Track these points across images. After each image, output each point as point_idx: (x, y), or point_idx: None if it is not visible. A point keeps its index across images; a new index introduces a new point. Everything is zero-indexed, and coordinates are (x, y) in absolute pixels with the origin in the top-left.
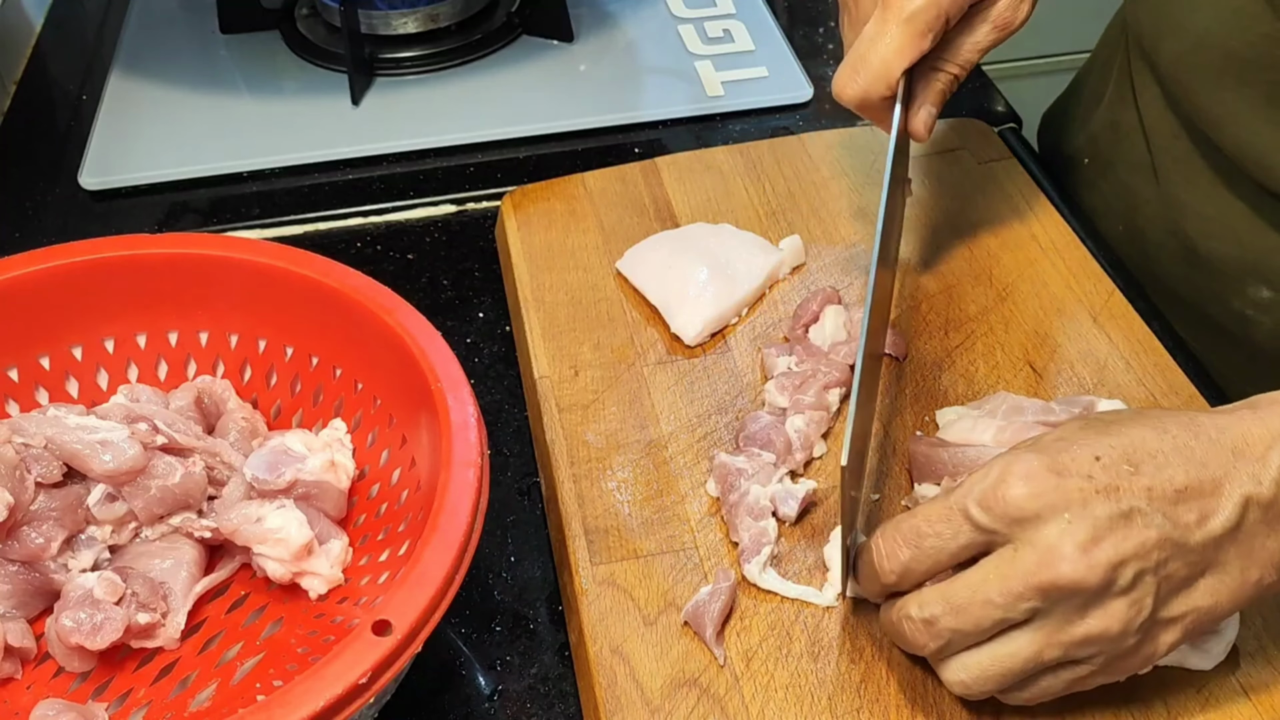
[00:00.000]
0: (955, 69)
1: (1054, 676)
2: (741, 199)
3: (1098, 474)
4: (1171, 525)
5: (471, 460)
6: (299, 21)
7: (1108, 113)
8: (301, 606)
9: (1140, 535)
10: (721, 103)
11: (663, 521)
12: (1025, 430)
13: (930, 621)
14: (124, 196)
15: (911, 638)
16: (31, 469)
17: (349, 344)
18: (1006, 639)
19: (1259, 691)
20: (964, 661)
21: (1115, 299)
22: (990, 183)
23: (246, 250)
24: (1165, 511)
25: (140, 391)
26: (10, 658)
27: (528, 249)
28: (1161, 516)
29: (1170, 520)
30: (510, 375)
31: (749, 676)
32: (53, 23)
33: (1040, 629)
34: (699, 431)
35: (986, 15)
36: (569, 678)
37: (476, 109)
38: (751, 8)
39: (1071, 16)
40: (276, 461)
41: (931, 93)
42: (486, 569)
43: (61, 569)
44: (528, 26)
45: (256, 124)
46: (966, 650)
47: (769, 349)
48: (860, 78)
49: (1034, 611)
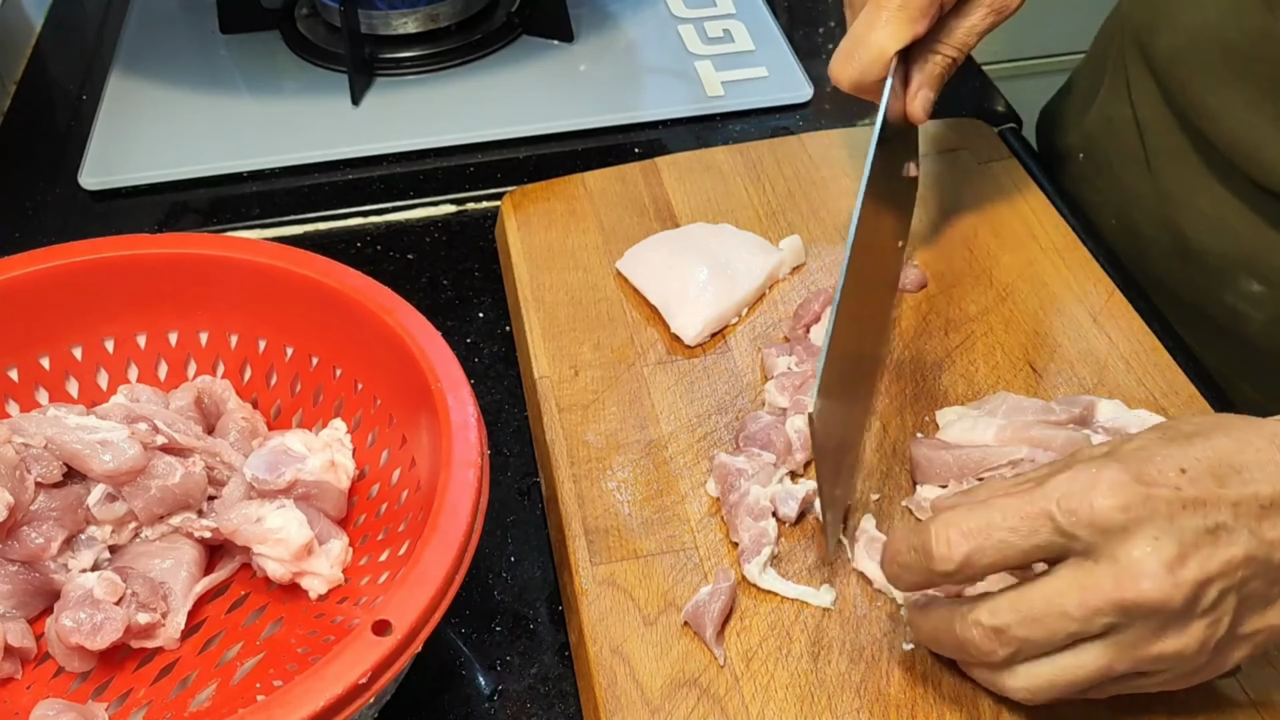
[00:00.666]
0: (952, 52)
1: (1117, 684)
2: (741, 199)
3: (1185, 486)
4: (1257, 542)
5: (471, 460)
6: (299, 21)
7: (1103, 107)
8: (301, 606)
9: (1226, 553)
10: (721, 103)
11: (663, 521)
12: (1026, 430)
13: (1001, 630)
14: (124, 196)
15: (980, 644)
16: (31, 469)
17: (349, 344)
18: (1077, 651)
19: (1260, 692)
20: (1030, 671)
21: (1115, 299)
22: (990, 183)
23: (246, 250)
24: (1251, 527)
25: (140, 391)
26: (10, 658)
27: (528, 249)
28: (1247, 533)
29: (1256, 536)
30: (510, 375)
31: (749, 676)
32: (53, 23)
33: (1114, 644)
34: (699, 431)
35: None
36: (569, 678)
37: (476, 109)
38: (751, 8)
39: (1071, 16)
40: (276, 461)
41: (928, 76)
42: (486, 569)
43: (61, 569)
44: (528, 26)
45: (256, 124)
46: (1033, 660)
47: (769, 349)
48: (856, 60)
49: (1110, 627)
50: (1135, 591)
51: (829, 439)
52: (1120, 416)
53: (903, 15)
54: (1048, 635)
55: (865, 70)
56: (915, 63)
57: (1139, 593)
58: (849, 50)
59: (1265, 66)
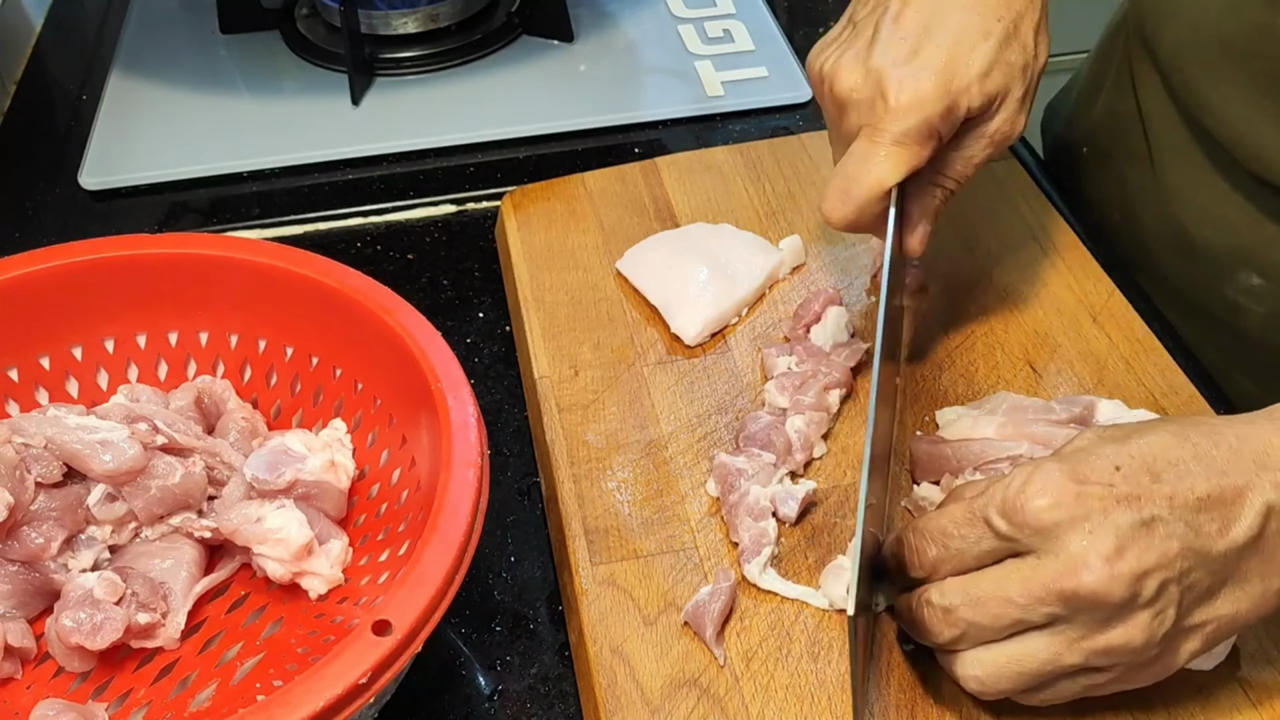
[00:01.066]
0: (950, 184)
1: (1071, 681)
2: (741, 199)
3: (1119, 483)
4: (1194, 534)
5: (471, 460)
6: (299, 21)
7: (1107, 101)
8: (301, 606)
9: (1163, 545)
10: (721, 103)
11: (663, 521)
12: (1026, 429)
13: (948, 610)
14: (124, 196)
15: (928, 624)
16: (31, 469)
17: (349, 344)
18: (1024, 639)
19: (1259, 691)
20: (979, 656)
21: (1115, 299)
22: (990, 183)
23: (246, 250)
24: (1187, 520)
25: (140, 391)
26: (10, 658)
27: (528, 249)
28: (1184, 525)
29: (1192, 529)
30: (510, 375)
31: (749, 676)
32: (53, 23)
33: (1060, 635)
34: (699, 431)
35: (983, 131)
36: (569, 678)
37: (476, 109)
38: (751, 8)
39: (1071, 16)
40: (276, 461)
41: (926, 210)
42: (486, 569)
43: (61, 569)
44: (528, 26)
45: (256, 124)
46: (982, 646)
47: (769, 349)
48: (852, 198)
49: (1054, 617)
50: (1075, 582)
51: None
52: (1120, 416)
53: (901, 148)
54: (992, 619)
55: (863, 208)
56: (911, 196)
57: (1079, 583)
58: (843, 189)
59: (1266, 62)
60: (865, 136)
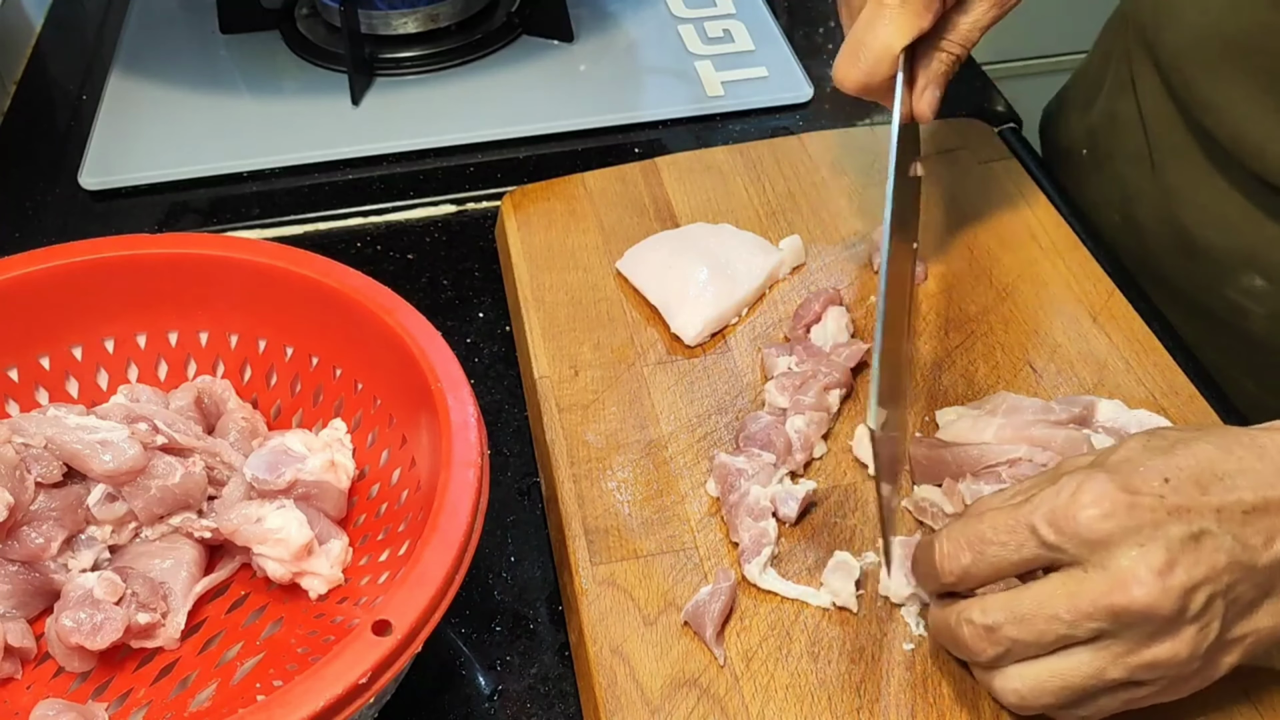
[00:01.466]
0: (956, 49)
1: (1111, 696)
2: (741, 199)
3: (1169, 495)
4: (1241, 547)
5: (471, 460)
6: (299, 21)
7: (1107, 103)
8: (301, 606)
9: (1211, 559)
10: (721, 103)
11: (663, 521)
12: (1025, 431)
13: (992, 629)
14: (124, 196)
15: (970, 642)
16: (31, 469)
17: (349, 344)
18: (1067, 654)
19: (1259, 692)
20: (1020, 672)
21: (1115, 299)
22: (990, 183)
23: (246, 250)
24: (1234, 533)
25: (140, 391)
26: (10, 658)
27: (528, 249)
28: (1231, 538)
29: (1239, 542)
30: (510, 375)
31: (749, 676)
32: (53, 23)
33: (1105, 649)
34: (699, 431)
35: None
36: (569, 678)
37: (476, 109)
38: (751, 8)
39: (1071, 16)
40: (276, 461)
41: (934, 74)
42: (486, 569)
43: (61, 569)
44: (528, 26)
45: (256, 124)
46: (1024, 661)
47: (769, 349)
48: (861, 61)
49: (1100, 632)
50: (1126, 598)
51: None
52: (1120, 416)
53: (907, 10)
54: (1036, 636)
55: (872, 70)
56: (919, 62)
57: (1130, 599)
58: (852, 51)
59: (1267, 61)
60: (873, 2)
